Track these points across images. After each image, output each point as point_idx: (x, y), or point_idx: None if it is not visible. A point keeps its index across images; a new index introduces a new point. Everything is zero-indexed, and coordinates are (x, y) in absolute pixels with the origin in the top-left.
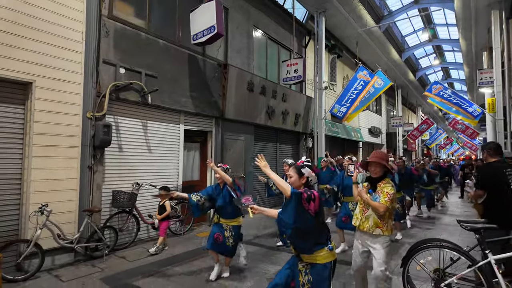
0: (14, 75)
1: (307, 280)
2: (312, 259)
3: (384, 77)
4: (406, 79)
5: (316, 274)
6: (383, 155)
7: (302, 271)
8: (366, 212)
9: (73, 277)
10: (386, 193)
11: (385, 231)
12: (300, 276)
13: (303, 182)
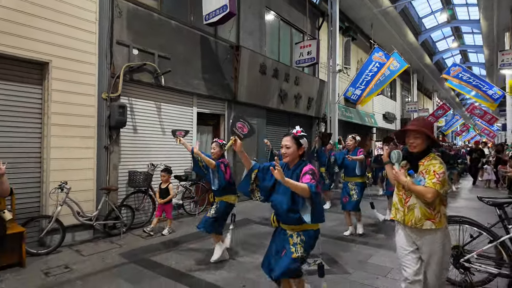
0: (31, 55)
1: (299, 240)
2: (304, 227)
3: (400, 59)
4: (422, 63)
5: (309, 236)
6: (426, 122)
7: (294, 234)
8: (408, 200)
9: (93, 252)
10: (433, 172)
11: (438, 223)
12: (291, 240)
13: (300, 154)
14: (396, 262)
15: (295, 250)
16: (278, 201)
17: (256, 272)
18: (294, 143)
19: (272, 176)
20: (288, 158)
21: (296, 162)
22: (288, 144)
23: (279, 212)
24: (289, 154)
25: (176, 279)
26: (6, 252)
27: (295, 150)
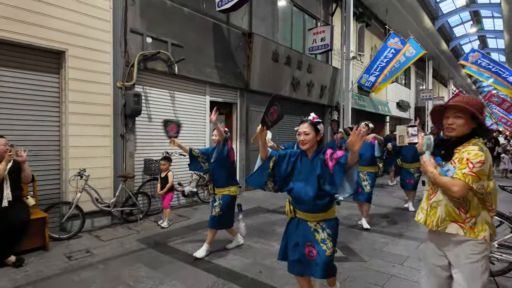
0: (48, 44)
1: (327, 235)
2: (325, 216)
3: (416, 45)
4: (438, 49)
5: (332, 227)
6: (473, 101)
7: (318, 228)
8: (433, 196)
9: (112, 237)
10: (466, 160)
11: (469, 230)
12: (317, 235)
13: (318, 140)
14: (413, 251)
15: (326, 247)
16: (301, 189)
17: (271, 259)
18: (313, 129)
19: (289, 164)
20: (308, 145)
21: (315, 149)
22: (307, 130)
23: (303, 200)
24: (308, 140)
25: (193, 265)
26: (30, 236)
27: (313, 136)
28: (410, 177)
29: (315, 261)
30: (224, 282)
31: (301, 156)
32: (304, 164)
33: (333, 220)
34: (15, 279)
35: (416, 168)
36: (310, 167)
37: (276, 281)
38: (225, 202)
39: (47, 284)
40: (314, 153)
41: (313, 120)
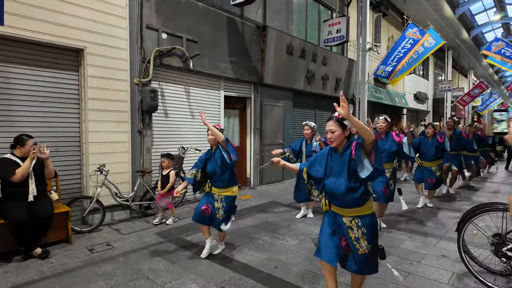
0: (67, 42)
1: (361, 234)
2: (361, 211)
3: (436, 35)
4: (458, 38)
5: (369, 226)
6: None
7: (353, 226)
8: None
9: (131, 231)
10: None
11: None
12: (351, 232)
13: (347, 135)
14: (431, 248)
15: (360, 246)
16: (333, 183)
17: (287, 255)
18: (339, 126)
19: (321, 164)
20: (336, 142)
21: (344, 144)
22: (333, 128)
23: (336, 195)
24: (336, 137)
25: (210, 259)
26: (54, 229)
27: (340, 133)
28: (431, 176)
29: (351, 256)
30: (240, 277)
31: (331, 152)
32: (335, 159)
33: (368, 217)
34: (41, 271)
35: (437, 166)
36: (340, 162)
37: (291, 277)
38: (228, 203)
39: (71, 276)
40: (342, 149)
41: (338, 117)
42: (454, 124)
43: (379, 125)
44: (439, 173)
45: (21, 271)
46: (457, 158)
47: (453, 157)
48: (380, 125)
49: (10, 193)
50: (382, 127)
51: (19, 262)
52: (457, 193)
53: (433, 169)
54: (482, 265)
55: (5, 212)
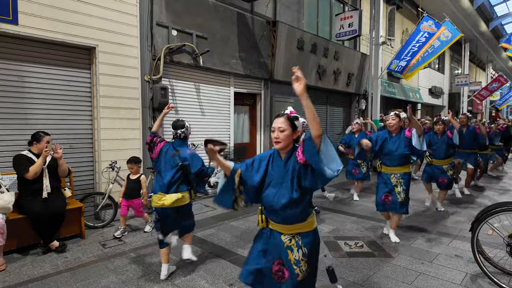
0: (79, 40)
1: (302, 255)
2: (302, 228)
3: (452, 28)
4: (476, 30)
5: (309, 244)
6: None
7: (293, 245)
8: None
9: (142, 226)
10: None
11: None
12: (290, 254)
13: (295, 138)
14: (444, 248)
15: (300, 271)
16: (273, 196)
17: None
18: (289, 125)
19: (259, 170)
20: (282, 144)
21: (290, 149)
22: (282, 126)
23: (275, 209)
24: (283, 138)
25: (219, 255)
26: (68, 225)
27: (290, 133)
28: (443, 175)
29: (284, 284)
30: None
31: (273, 157)
32: (276, 166)
33: (310, 234)
34: (56, 265)
35: (449, 164)
36: (283, 170)
37: None
38: None
39: (85, 271)
40: (287, 153)
41: (290, 114)
42: (468, 120)
43: (388, 122)
44: (451, 172)
45: (37, 265)
46: (472, 156)
47: (467, 155)
48: (389, 122)
49: (27, 189)
50: (392, 124)
51: (35, 256)
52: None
53: (444, 168)
54: (497, 266)
55: (22, 207)
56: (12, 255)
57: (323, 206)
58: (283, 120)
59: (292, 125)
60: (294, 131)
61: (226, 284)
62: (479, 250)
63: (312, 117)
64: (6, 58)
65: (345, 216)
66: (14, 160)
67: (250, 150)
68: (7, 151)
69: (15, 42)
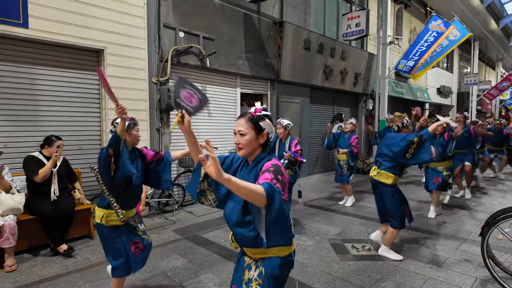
0: (88, 43)
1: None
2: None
3: (461, 27)
4: (486, 29)
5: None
6: None
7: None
8: None
9: (150, 227)
10: None
11: None
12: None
13: (262, 143)
14: (453, 252)
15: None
16: (230, 209)
17: (302, 255)
18: (252, 128)
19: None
20: (244, 151)
21: (256, 155)
22: (243, 129)
23: (229, 225)
24: (245, 144)
25: (226, 257)
26: (77, 225)
27: (252, 138)
28: (437, 175)
29: None
30: None
31: (243, 164)
32: (244, 174)
33: (277, 259)
34: (66, 265)
35: (445, 168)
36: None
37: (307, 278)
38: None
39: (94, 272)
40: (253, 162)
41: (254, 114)
42: (465, 120)
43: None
44: (446, 173)
45: (47, 265)
46: (469, 155)
47: (464, 155)
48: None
49: (37, 191)
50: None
51: (45, 256)
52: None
53: (440, 169)
54: (508, 271)
55: (33, 208)
56: (23, 255)
57: (331, 208)
58: (244, 122)
59: (256, 127)
60: (260, 134)
61: None
62: (489, 255)
63: (248, 196)
64: (17, 61)
65: (352, 219)
66: (25, 162)
67: None
68: (18, 153)
69: (26, 45)
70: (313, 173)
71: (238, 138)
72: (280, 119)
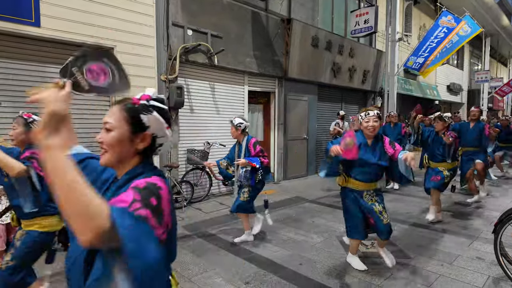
0: (98, 41)
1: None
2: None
3: (472, 22)
4: (498, 25)
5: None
6: None
7: None
8: None
9: None
10: None
11: None
12: None
13: (140, 148)
14: (464, 249)
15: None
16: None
17: (312, 252)
18: (126, 122)
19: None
20: (108, 156)
21: (130, 168)
22: (110, 121)
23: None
24: (109, 144)
25: (235, 254)
26: None
27: (123, 137)
28: (437, 174)
29: None
30: (265, 273)
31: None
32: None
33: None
34: None
35: (447, 168)
36: None
37: (316, 275)
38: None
39: None
40: (124, 177)
41: (137, 101)
42: (480, 115)
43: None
44: (448, 173)
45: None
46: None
47: (473, 153)
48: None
49: None
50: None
51: None
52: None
53: (440, 169)
54: None
55: None
56: None
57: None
58: (117, 111)
59: (133, 122)
60: (137, 133)
61: (242, 282)
62: (502, 252)
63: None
64: (29, 60)
65: None
66: None
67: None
68: None
69: (37, 44)
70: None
71: (102, 134)
72: (234, 117)
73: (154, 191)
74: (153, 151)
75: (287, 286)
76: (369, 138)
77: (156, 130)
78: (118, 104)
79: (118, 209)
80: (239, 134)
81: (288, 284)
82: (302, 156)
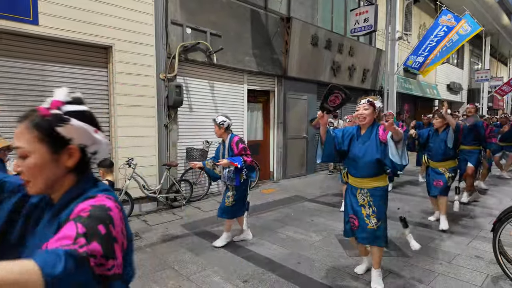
0: (96, 39)
1: None
2: None
3: (472, 21)
4: (498, 24)
5: None
6: None
7: None
8: None
9: (158, 222)
10: None
11: None
12: None
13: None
14: (463, 248)
15: None
16: None
17: (310, 250)
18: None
19: None
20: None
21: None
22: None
23: None
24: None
25: (234, 252)
26: None
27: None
28: (438, 177)
29: None
30: (263, 271)
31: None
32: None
33: None
34: None
35: (448, 168)
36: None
37: (315, 273)
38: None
39: None
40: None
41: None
42: (476, 111)
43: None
44: (450, 175)
45: None
46: (474, 154)
47: (468, 153)
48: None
49: None
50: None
51: None
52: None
53: (441, 170)
54: None
55: None
56: None
57: (337, 205)
58: (24, 131)
59: (49, 139)
60: (59, 151)
61: (240, 281)
62: (501, 251)
63: None
64: (27, 58)
65: None
66: None
67: (263, 148)
68: None
69: (36, 42)
70: (320, 170)
71: (18, 162)
72: (217, 115)
73: (101, 216)
74: (87, 163)
75: (286, 284)
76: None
77: (82, 140)
78: (23, 121)
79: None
80: (223, 133)
81: (286, 283)
82: (302, 155)
